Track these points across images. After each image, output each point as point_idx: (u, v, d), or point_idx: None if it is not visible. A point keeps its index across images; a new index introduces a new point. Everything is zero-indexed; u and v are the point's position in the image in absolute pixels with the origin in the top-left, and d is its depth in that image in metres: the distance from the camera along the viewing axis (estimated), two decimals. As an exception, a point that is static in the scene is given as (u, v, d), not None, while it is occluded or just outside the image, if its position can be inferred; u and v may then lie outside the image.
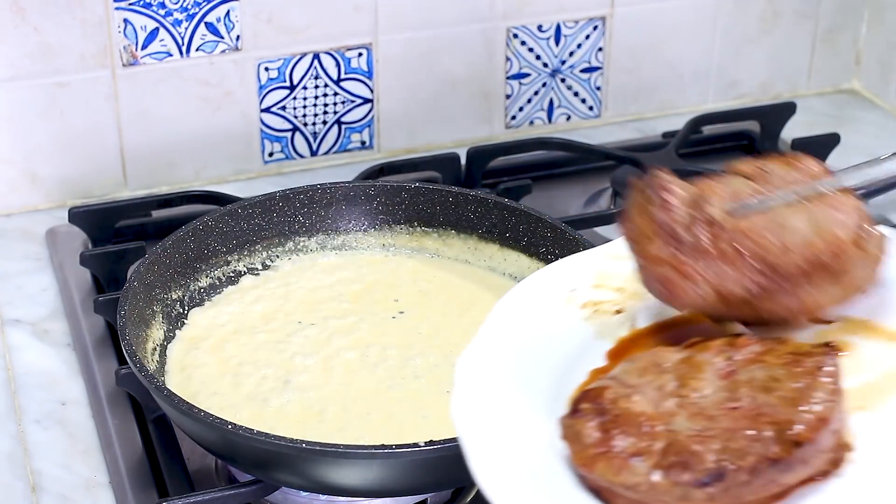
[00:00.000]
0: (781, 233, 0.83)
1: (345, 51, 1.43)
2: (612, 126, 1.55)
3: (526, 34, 1.48)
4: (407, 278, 1.19)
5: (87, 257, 1.24)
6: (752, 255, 0.82)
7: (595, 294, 0.87)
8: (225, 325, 1.13)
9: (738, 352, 0.80)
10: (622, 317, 0.86)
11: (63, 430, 1.11)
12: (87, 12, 1.33)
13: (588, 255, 0.89)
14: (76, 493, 1.04)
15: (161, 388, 0.97)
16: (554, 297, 0.87)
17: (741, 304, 0.84)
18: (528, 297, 0.86)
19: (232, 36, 1.38)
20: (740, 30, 1.56)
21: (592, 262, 0.89)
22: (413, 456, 0.92)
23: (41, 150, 1.37)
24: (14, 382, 1.16)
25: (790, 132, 1.48)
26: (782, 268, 0.82)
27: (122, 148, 1.40)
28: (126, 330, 1.02)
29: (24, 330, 1.22)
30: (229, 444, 0.96)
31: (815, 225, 0.84)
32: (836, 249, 0.83)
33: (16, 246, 1.34)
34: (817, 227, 0.84)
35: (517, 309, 0.85)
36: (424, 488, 0.99)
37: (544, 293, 0.87)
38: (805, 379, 0.77)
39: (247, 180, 1.45)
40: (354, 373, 1.08)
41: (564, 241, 1.15)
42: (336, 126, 1.46)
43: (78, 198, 1.40)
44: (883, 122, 1.57)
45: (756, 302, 0.83)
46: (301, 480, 0.97)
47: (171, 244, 1.13)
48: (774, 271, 0.82)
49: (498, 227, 1.19)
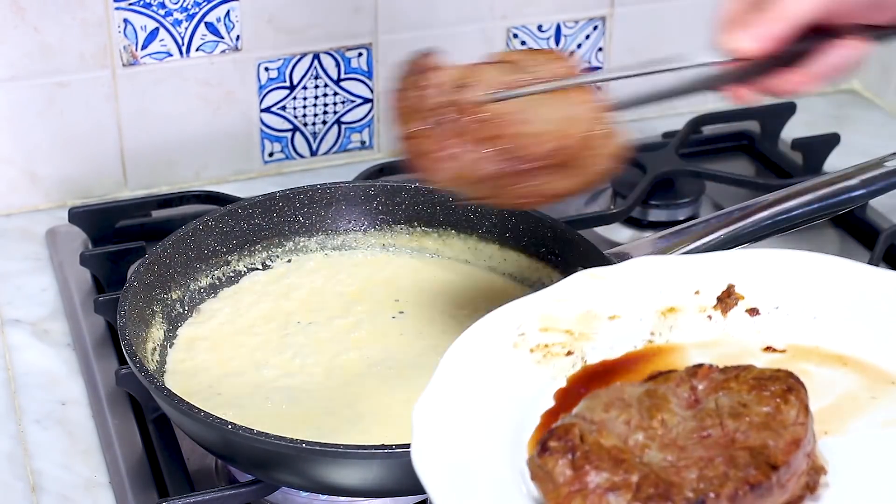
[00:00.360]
0: (525, 123, 0.90)
1: (345, 51, 1.43)
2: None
3: (526, 34, 1.48)
4: (407, 278, 1.19)
5: (87, 257, 1.24)
6: (496, 141, 0.89)
7: (543, 337, 0.87)
8: (225, 325, 1.13)
9: (700, 381, 0.80)
10: (573, 358, 0.87)
11: (63, 430, 1.11)
12: (87, 12, 1.33)
13: (533, 299, 0.89)
14: (76, 493, 1.04)
15: (161, 388, 0.97)
16: (503, 342, 0.86)
17: (489, 184, 0.90)
18: (477, 342, 0.85)
19: (232, 36, 1.38)
20: (740, 30, 1.56)
21: (538, 305, 0.88)
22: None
23: (41, 150, 1.37)
24: (14, 382, 1.16)
25: (790, 132, 1.48)
26: (522, 154, 0.90)
27: (122, 148, 1.40)
28: (126, 330, 1.02)
29: (24, 330, 1.22)
30: (229, 444, 0.96)
31: (557, 118, 0.91)
32: (572, 142, 0.91)
33: (16, 246, 1.34)
34: (558, 120, 0.91)
35: (468, 355, 0.84)
36: (424, 488, 0.99)
37: (493, 338, 0.86)
38: (773, 403, 0.78)
39: (247, 180, 1.45)
40: (354, 373, 1.08)
41: (564, 241, 1.15)
42: (336, 126, 1.46)
43: (78, 198, 1.40)
44: (883, 122, 1.57)
45: (501, 183, 0.90)
46: (301, 480, 0.97)
47: (171, 244, 1.13)
48: (515, 157, 0.90)
49: (498, 227, 1.19)
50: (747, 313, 0.90)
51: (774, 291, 0.91)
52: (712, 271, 0.92)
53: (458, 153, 0.91)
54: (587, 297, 0.89)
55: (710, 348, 0.88)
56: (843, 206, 1.16)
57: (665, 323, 0.89)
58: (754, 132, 1.51)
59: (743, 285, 0.91)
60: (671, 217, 1.36)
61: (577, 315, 0.88)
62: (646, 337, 0.89)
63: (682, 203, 1.37)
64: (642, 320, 0.89)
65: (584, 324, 0.88)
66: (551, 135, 0.90)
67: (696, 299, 0.90)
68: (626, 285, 0.90)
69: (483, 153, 0.90)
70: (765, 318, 0.90)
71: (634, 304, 0.90)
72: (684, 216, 1.36)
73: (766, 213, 1.13)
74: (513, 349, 0.86)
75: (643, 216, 1.37)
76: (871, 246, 1.26)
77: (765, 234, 1.13)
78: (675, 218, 1.36)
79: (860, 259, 1.24)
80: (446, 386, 0.82)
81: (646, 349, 0.88)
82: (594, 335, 0.88)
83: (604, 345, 0.88)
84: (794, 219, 1.14)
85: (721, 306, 0.91)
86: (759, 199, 1.15)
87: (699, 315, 0.90)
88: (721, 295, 0.91)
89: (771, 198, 1.14)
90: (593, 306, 0.89)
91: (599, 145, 0.92)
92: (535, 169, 0.90)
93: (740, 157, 1.51)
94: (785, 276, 0.91)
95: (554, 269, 1.15)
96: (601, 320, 0.89)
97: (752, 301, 0.91)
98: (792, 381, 0.79)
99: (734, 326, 0.90)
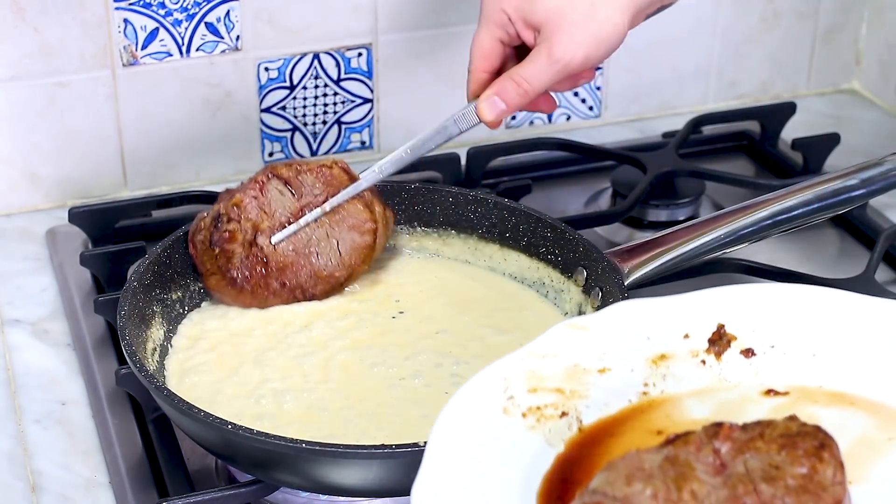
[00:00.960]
0: (308, 260, 1.13)
1: (345, 51, 1.43)
2: (612, 126, 1.55)
3: (526, 34, 1.48)
4: (407, 278, 1.19)
5: (87, 257, 1.24)
6: (287, 286, 1.13)
7: (534, 399, 0.83)
8: (225, 325, 1.13)
9: (722, 443, 0.77)
10: (568, 419, 0.83)
11: (63, 430, 1.11)
12: (87, 12, 1.33)
13: (516, 357, 0.85)
14: (76, 493, 1.04)
15: (161, 388, 0.97)
16: (492, 408, 0.82)
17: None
18: (466, 412, 0.81)
19: (232, 36, 1.38)
20: (740, 30, 1.56)
21: (522, 364, 0.84)
22: (413, 456, 0.92)
23: (41, 150, 1.37)
24: (14, 382, 1.16)
25: (790, 132, 1.48)
26: (306, 289, 1.13)
27: (122, 148, 1.40)
28: (126, 330, 1.02)
29: (24, 330, 1.22)
30: (229, 444, 0.96)
31: (332, 244, 1.13)
32: (349, 271, 1.14)
33: (16, 246, 1.34)
34: (333, 246, 1.13)
35: (459, 427, 0.80)
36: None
37: (482, 406, 0.82)
38: (807, 463, 0.75)
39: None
40: (354, 373, 1.07)
41: (564, 241, 1.15)
42: (336, 126, 1.46)
43: (78, 198, 1.40)
44: (883, 122, 1.57)
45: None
46: (301, 480, 0.97)
47: (171, 244, 1.13)
48: (300, 290, 1.13)
49: (498, 227, 1.19)
50: (742, 354, 0.87)
51: (768, 329, 0.87)
52: (700, 312, 0.88)
53: (250, 289, 1.13)
54: (572, 350, 0.86)
55: (707, 395, 0.85)
56: (843, 206, 1.16)
57: (657, 372, 0.86)
58: (754, 132, 1.51)
59: (734, 324, 0.87)
60: (671, 217, 1.36)
61: (564, 370, 0.85)
62: (639, 389, 0.85)
63: (682, 203, 1.37)
64: (633, 371, 0.86)
65: (573, 380, 0.84)
66: (331, 268, 1.14)
67: (687, 343, 0.87)
68: (611, 334, 0.87)
69: (272, 290, 1.13)
70: (761, 358, 0.87)
71: (623, 354, 0.86)
72: (684, 216, 1.36)
73: (766, 213, 1.13)
74: (503, 415, 0.82)
75: (643, 216, 1.37)
76: (871, 246, 1.26)
77: (765, 234, 1.13)
78: (675, 218, 1.36)
79: (861, 259, 1.25)
80: (441, 462, 0.78)
81: (641, 403, 0.85)
82: (586, 392, 0.84)
83: (598, 402, 0.84)
84: (794, 219, 1.13)
85: (713, 349, 0.87)
86: (759, 199, 1.14)
87: (692, 360, 0.87)
88: (712, 337, 0.87)
89: (771, 198, 1.14)
90: (580, 360, 0.85)
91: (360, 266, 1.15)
92: (304, 291, 1.14)
93: (740, 157, 1.51)
94: (777, 312, 0.88)
95: (554, 269, 1.15)
96: (591, 374, 0.85)
97: (746, 341, 0.87)
98: (823, 436, 0.76)
99: (730, 370, 0.87)
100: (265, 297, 1.13)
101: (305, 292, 1.14)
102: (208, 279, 1.13)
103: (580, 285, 1.12)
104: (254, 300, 1.13)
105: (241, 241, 1.12)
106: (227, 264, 1.12)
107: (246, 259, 1.12)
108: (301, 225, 1.12)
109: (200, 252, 1.13)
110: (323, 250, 1.13)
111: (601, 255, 1.11)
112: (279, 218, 1.13)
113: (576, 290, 1.13)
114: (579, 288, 1.12)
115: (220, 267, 1.12)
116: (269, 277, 1.13)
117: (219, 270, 1.12)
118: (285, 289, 1.13)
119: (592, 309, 1.10)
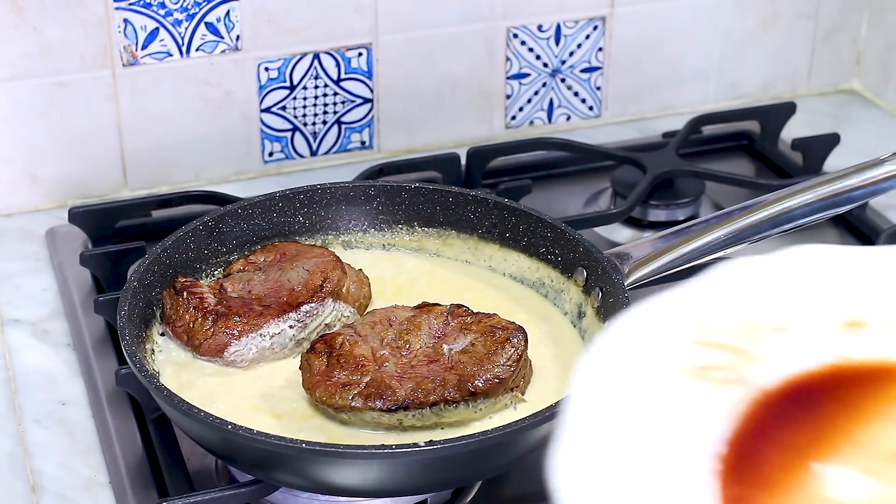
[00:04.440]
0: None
1: (345, 51, 1.43)
2: (612, 126, 1.55)
3: (526, 34, 1.48)
4: (407, 278, 1.19)
5: (87, 257, 1.24)
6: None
7: (701, 356, 0.68)
8: (225, 325, 1.13)
9: (454, 319, 1.04)
10: (741, 386, 0.67)
11: (63, 430, 1.11)
12: (87, 12, 1.33)
13: (680, 299, 0.72)
14: (76, 493, 1.04)
15: (161, 388, 0.97)
16: (651, 358, 0.68)
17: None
18: (620, 359, 0.68)
19: (232, 36, 1.38)
20: (740, 30, 1.56)
21: (688, 309, 0.71)
22: (413, 456, 0.92)
23: (41, 150, 1.37)
24: (14, 382, 1.16)
25: (790, 132, 1.48)
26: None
27: (122, 148, 1.40)
28: (126, 330, 1.02)
29: (24, 330, 1.22)
30: (229, 444, 0.96)
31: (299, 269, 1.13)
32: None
33: (16, 246, 1.34)
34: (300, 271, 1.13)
35: (608, 377, 0.66)
36: (424, 488, 0.99)
37: (638, 354, 0.68)
38: (494, 347, 1.01)
39: (247, 180, 1.45)
40: (354, 373, 1.07)
41: (564, 241, 1.15)
42: (336, 126, 1.46)
43: (78, 198, 1.40)
44: (883, 122, 1.57)
45: None
46: (301, 480, 0.97)
47: (171, 244, 1.13)
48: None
49: (498, 227, 1.19)
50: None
51: None
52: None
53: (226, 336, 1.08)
54: (746, 299, 0.72)
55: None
56: (842, 206, 1.16)
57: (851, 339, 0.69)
58: (754, 132, 1.51)
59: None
60: (671, 217, 1.36)
61: (738, 325, 0.70)
62: (827, 357, 0.68)
63: (682, 203, 1.37)
64: (819, 335, 0.69)
65: (747, 337, 0.69)
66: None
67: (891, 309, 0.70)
68: (793, 283, 0.72)
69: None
70: None
71: (807, 312, 0.70)
72: (684, 216, 1.36)
73: (766, 213, 1.13)
74: (666, 369, 0.68)
75: (643, 216, 1.37)
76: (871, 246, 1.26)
77: (765, 234, 1.13)
78: (675, 218, 1.36)
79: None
80: (584, 425, 0.64)
81: (833, 367, 0.68)
82: (760, 354, 0.69)
83: (771, 363, 0.68)
84: (794, 219, 1.13)
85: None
86: (759, 199, 1.14)
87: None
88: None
89: (771, 198, 1.14)
90: (755, 314, 0.71)
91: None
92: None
93: (740, 157, 1.51)
94: None
95: (554, 270, 1.15)
96: (765, 331, 0.70)
97: None
98: (514, 332, 1.02)
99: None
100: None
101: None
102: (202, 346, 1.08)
103: (580, 285, 1.12)
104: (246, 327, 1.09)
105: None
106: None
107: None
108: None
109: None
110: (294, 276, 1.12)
111: (601, 255, 1.11)
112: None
113: (576, 291, 1.13)
114: (579, 288, 1.12)
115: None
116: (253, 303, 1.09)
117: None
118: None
119: (592, 309, 1.10)
